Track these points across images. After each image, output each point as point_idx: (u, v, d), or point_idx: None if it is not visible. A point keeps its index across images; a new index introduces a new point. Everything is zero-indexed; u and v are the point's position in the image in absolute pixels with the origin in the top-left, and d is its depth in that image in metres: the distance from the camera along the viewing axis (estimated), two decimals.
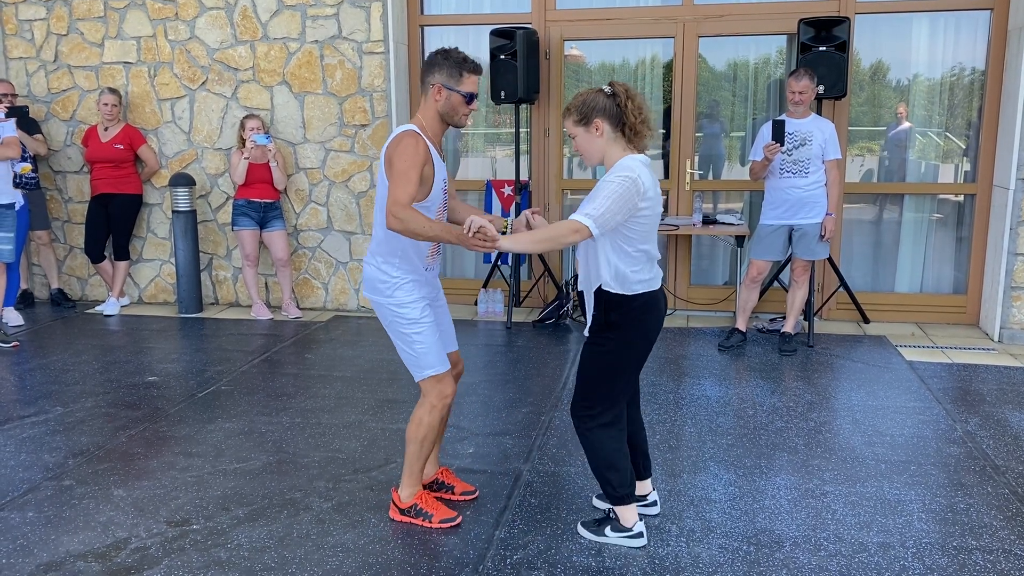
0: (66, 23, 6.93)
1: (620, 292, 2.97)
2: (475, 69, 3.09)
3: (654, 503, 3.39)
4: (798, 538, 3.22)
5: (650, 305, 3.01)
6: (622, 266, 2.96)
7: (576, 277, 3.13)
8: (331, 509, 3.47)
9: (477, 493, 3.56)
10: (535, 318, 6.53)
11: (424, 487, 3.52)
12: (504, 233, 3.24)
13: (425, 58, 3.13)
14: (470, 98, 3.08)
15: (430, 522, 3.32)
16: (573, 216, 2.88)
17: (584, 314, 3.11)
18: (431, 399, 3.22)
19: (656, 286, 3.05)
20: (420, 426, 3.25)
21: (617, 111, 2.92)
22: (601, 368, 3.04)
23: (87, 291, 7.40)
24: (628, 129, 2.93)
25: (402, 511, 3.37)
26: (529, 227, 3.15)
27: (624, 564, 3.04)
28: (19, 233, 6.21)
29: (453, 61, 3.05)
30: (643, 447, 3.33)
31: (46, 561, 3.09)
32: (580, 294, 3.14)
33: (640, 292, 2.98)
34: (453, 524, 3.32)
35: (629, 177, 2.86)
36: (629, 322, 2.99)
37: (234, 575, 2.99)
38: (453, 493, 3.53)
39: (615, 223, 2.88)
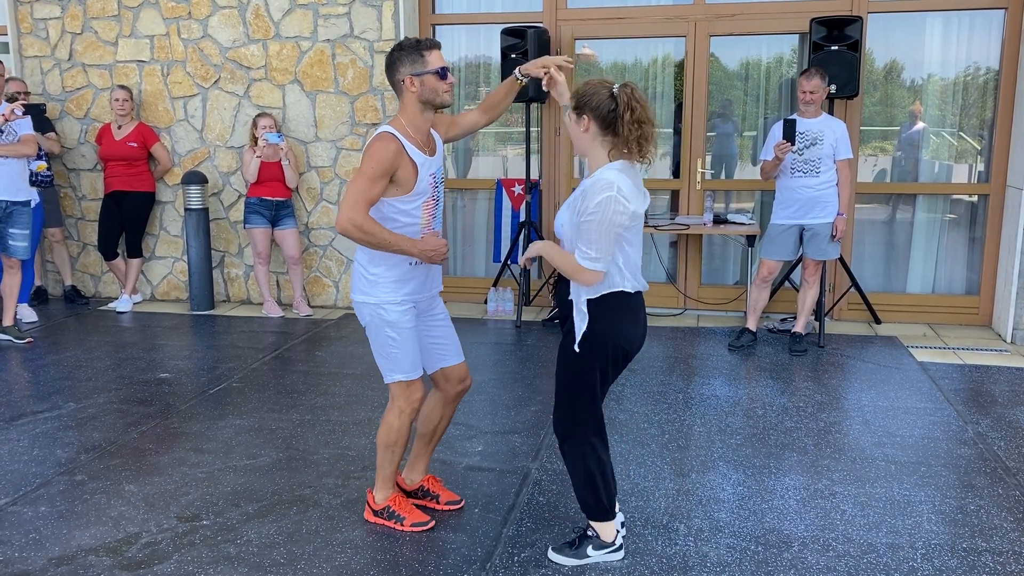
0: (80, 22, 6.98)
1: (601, 293, 2.83)
2: (433, 44, 3.02)
3: (623, 524, 3.18)
4: (807, 538, 3.21)
5: (624, 304, 2.84)
6: (611, 271, 2.82)
7: (558, 281, 3.02)
8: (340, 506, 3.49)
9: (463, 503, 3.49)
10: (545, 317, 6.53)
11: (408, 494, 3.48)
12: (519, 80, 3.28)
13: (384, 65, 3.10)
14: (443, 72, 3.01)
15: (402, 525, 3.28)
16: (578, 259, 2.73)
17: (561, 319, 2.96)
18: (399, 403, 3.16)
19: (630, 289, 2.86)
20: (390, 431, 3.19)
21: (609, 116, 2.75)
22: (581, 377, 2.87)
23: (100, 288, 7.45)
24: (621, 141, 2.76)
25: (375, 512, 3.34)
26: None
27: (632, 563, 3.05)
28: (34, 230, 6.26)
29: (409, 48, 3.00)
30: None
31: (58, 555, 3.12)
32: (563, 300, 2.95)
33: (614, 291, 2.83)
34: (425, 528, 3.27)
35: (609, 196, 2.68)
36: (604, 320, 2.83)
37: (243, 570, 3.01)
38: (438, 502, 3.46)
39: (614, 247, 2.76)
